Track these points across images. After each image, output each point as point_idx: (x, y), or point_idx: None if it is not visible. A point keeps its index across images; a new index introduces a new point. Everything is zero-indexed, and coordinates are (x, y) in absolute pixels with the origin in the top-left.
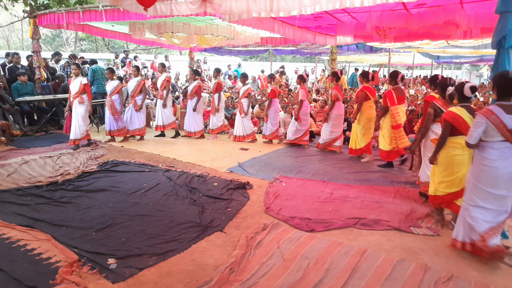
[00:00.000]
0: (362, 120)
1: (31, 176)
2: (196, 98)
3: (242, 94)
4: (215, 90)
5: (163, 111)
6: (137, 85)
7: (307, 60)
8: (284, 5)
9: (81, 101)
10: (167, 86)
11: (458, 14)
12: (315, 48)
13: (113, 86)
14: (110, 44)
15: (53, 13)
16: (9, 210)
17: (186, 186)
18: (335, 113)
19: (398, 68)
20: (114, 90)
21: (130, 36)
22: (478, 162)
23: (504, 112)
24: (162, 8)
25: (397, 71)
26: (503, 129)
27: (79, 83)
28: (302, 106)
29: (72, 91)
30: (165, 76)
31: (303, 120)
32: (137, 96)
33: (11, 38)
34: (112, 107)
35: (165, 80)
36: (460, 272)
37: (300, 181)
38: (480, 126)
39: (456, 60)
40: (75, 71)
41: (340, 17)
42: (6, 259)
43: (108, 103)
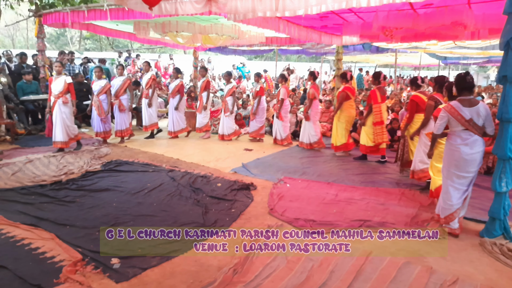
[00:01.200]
0: (343, 118)
1: (35, 175)
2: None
3: (227, 93)
4: (203, 89)
5: (148, 111)
6: (122, 84)
7: (312, 60)
8: (290, 5)
9: (66, 101)
10: (153, 85)
11: (466, 15)
12: (321, 48)
13: (101, 86)
14: (114, 43)
15: (58, 12)
16: (13, 208)
17: (189, 186)
18: (315, 111)
19: (404, 69)
20: (102, 90)
21: (134, 35)
22: (447, 148)
23: (461, 106)
24: (167, 7)
25: (380, 72)
26: (461, 119)
27: (63, 82)
28: (283, 104)
29: (54, 91)
30: (151, 75)
31: (284, 117)
32: (122, 96)
33: (16, 37)
34: (99, 107)
35: (150, 79)
36: (465, 276)
37: (305, 182)
38: (442, 119)
39: (463, 61)
40: (58, 68)
41: (346, 17)
42: (10, 258)
43: (96, 104)
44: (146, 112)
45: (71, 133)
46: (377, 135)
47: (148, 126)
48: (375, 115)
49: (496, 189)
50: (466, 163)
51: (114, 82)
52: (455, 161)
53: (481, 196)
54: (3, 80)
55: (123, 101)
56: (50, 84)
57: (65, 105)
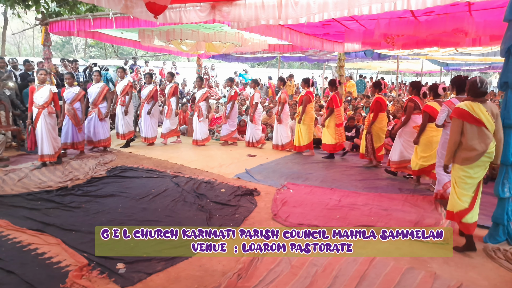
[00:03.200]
0: (307, 120)
1: (41, 181)
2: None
3: (200, 98)
4: (171, 95)
5: (124, 119)
6: (100, 92)
7: (314, 67)
8: (292, 13)
9: (51, 111)
10: (130, 92)
11: (467, 22)
12: (323, 55)
13: (74, 93)
14: (119, 51)
15: (64, 20)
16: (20, 214)
17: (193, 192)
18: (286, 114)
19: (406, 75)
20: (76, 98)
21: (139, 43)
22: (444, 136)
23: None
24: (172, 15)
25: (335, 79)
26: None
27: (48, 92)
28: (257, 108)
29: (38, 101)
30: (127, 81)
31: (257, 121)
32: (101, 104)
33: (22, 44)
34: (75, 116)
35: (127, 85)
36: (469, 281)
37: (308, 188)
38: (443, 112)
39: (465, 67)
40: (43, 77)
41: (348, 24)
42: (17, 262)
43: (70, 113)
44: (122, 120)
45: (56, 146)
46: (338, 135)
47: (125, 134)
48: (337, 118)
49: (499, 194)
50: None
51: (91, 90)
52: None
53: (484, 201)
54: (11, 85)
55: (102, 109)
56: (32, 94)
57: (50, 116)
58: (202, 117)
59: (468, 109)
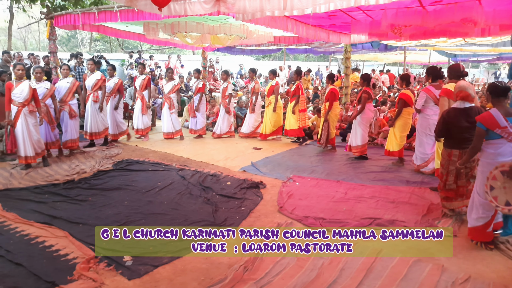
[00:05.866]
0: (278, 109)
1: (48, 174)
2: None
3: (170, 90)
4: (144, 87)
5: (98, 116)
6: (70, 87)
7: (320, 59)
8: (298, 4)
9: (32, 109)
10: (103, 87)
11: (476, 11)
12: (329, 47)
13: (46, 89)
14: (124, 45)
15: (69, 14)
16: (27, 207)
17: (199, 185)
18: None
19: (413, 67)
20: (47, 94)
21: (144, 36)
22: (422, 118)
23: (435, 89)
24: (176, 8)
25: (300, 69)
26: (434, 98)
27: (28, 88)
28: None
29: (17, 98)
30: (100, 75)
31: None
32: (71, 101)
33: (28, 39)
34: (48, 114)
35: (100, 79)
36: (478, 274)
37: (314, 180)
38: (422, 98)
39: (473, 58)
40: (21, 72)
41: (354, 15)
42: (25, 255)
43: (44, 111)
44: (96, 116)
45: (38, 147)
46: (302, 120)
47: (101, 132)
48: (301, 104)
49: None
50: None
51: (60, 85)
52: (428, 126)
53: None
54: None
55: (73, 106)
56: (9, 91)
57: (31, 115)
58: (174, 108)
59: (453, 89)
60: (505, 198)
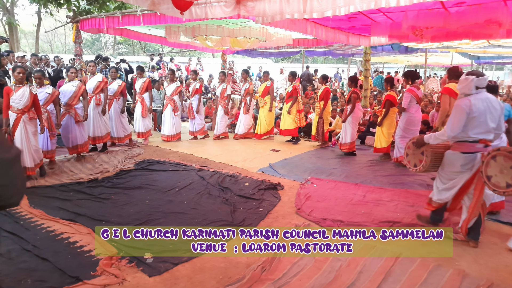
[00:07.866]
0: (273, 109)
1: (73, 173)
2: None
3: (173, 91)
4: (144, 90)
5: (101, 120)
6: (76, 91)
7: (339, 62)
8: (318, 6)
9: (33, 116)
10: (105, 89)
11: (501, 12)
12: (348, 49)
13: (48, 94)
14: (146, 48)
15: (94, 18)
16: (53, 204)
17: (218, 185)
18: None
19: (435, 69)
20: (50, 99)
21: (165, 39)
22: (405, 115)
23: (416, 90)
24: (197, 11)
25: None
26: (417, 97)
27: (28, 93)
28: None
29: (16, 104)
30: (102, 77)
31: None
32: (77, 105)
33: (54, 42)
34: (48, 120)
35: (102, 82)
36: (500, 281)
37: (332, 183)
38: (407, 98)
39: (497, 60)
40: (21, 76)
41: (374, 17)
42: (51, 251)
43: (44, 117)
44: (99, 120)
45: (37, 157)
46: (299, 120)
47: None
48: (299, 105)
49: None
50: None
51: (65, 88)
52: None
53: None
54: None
55: (78, 110)
56: (7, 96)
57: (31, 122)
58: (178, 111)
59: (454, 88)
60: (413, 162)
